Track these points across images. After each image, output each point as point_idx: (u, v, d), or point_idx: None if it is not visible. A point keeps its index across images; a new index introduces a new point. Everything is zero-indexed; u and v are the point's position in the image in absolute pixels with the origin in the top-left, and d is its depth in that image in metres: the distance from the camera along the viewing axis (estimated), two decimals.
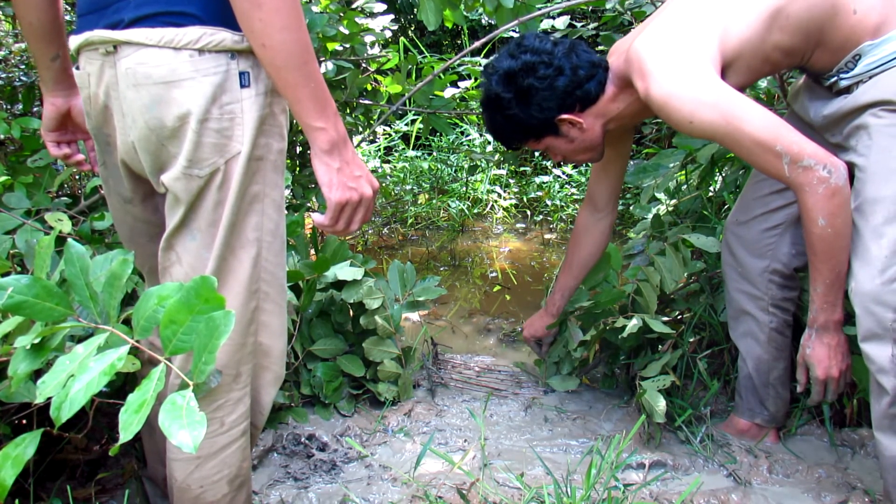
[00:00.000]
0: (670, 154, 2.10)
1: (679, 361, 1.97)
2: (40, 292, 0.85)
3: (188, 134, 0.99)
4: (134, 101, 1.00)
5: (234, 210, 1.04)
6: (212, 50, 0.99)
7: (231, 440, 1.13)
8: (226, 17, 0.99)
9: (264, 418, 1.23)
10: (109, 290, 0.89)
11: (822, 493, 1.57)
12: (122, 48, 1.00)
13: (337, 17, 2.28)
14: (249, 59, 1.02)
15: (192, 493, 1.13)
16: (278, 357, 1.19)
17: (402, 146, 4.82)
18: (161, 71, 0.98)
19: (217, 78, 0.99)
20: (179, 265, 1.07)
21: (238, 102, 1.01)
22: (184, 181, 1.02)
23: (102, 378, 0.79)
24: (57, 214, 1.57)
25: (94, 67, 1.04)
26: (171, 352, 0.82)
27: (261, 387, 1.19)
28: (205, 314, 0.80)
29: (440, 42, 5.65)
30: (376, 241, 3.81)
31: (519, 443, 1.82)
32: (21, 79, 2.63)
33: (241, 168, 1.03)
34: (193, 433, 0.74)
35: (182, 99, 0.98)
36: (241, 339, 1.10)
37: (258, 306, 1.12)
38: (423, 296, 2.14)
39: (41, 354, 0.88)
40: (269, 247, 1.11)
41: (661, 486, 1.61)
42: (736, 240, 1.70)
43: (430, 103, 2.65)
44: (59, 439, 1.48)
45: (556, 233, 3.98)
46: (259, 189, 1.07)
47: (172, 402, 0.78)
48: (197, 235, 1.05)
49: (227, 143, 1.02)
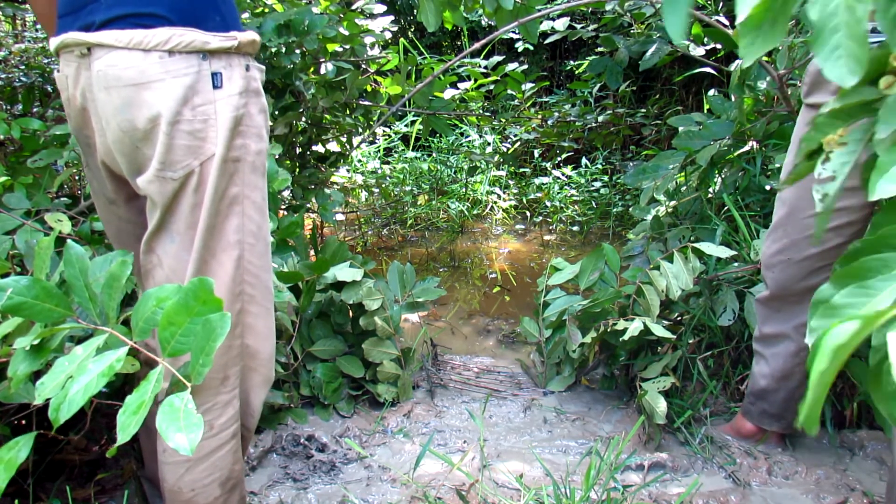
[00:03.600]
0: (670, 155, 2.10)
1: (678, 363, 1.97)
2: (40, 293, 0.85)
3: (159, 136, 0.99)
4: (106, 104, 1.00)
5: (212, 212, 1.03)
6: (182, 51, 0.98)
7: (221, 443, 1.13)
8: (195, 17, 0.99)
9: (256, 420, 1.23)
10: (108, 292, 0.90)
11: (821, 495, 1.57)
12: (95, 50, 1.00)
13: (337, 19, 2.28)
14: (222, 60, 1.02)
15: (184, 497, 1.12)
16: (266, 359, 1.18)
17: (402, 147, 4.82)
18: (130, 73, 0.97)
19: (188, 79, 0.98)
20: (160, 268, 1.07)
21: (211, 104, 1.00)
22: (157, 183, 1.01)
23: (101, 379, 0.79)
24: (57, 215, 1.57)
25: (71, 70, 1.04)
26: (170, 353, 0.82)
27: (250, 389, 1.19)
28: (202, 316, 0.80)
29: (440, 43, 5.65)
30: (376, 242, 3.81)
31: (518, 444, 1.82)
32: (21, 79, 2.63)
33: (217, 170, 1.02)
34: (190, 436, 0.74)
35: (152, 101, 0.98)
36: (227, 341, 1.09)
37: (243, 308, 1.12)
38: (422, 297, 2.14)
39: (40, 355, 0.88)
40: (252, 249, 1.10)
41: (661, 488, 1.61)
42: (787, 276, 1.63)
43: (430, 104, 2.65)
44: (58, 440, 1.48)
45: (555, 234, 3.98)
46: (238, 191, 1.06)
47: (170, 405, 0.77)
48: (176, 238, 1.05)
49: (201, 145, 1.01)
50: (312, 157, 2.82)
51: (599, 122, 4.29)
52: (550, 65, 5.62)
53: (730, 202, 2.07)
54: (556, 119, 4.38)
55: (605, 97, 4.68)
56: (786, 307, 1.67)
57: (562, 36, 3.04)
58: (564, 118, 4.37)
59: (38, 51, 3.25)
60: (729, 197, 2.10)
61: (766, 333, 1.71)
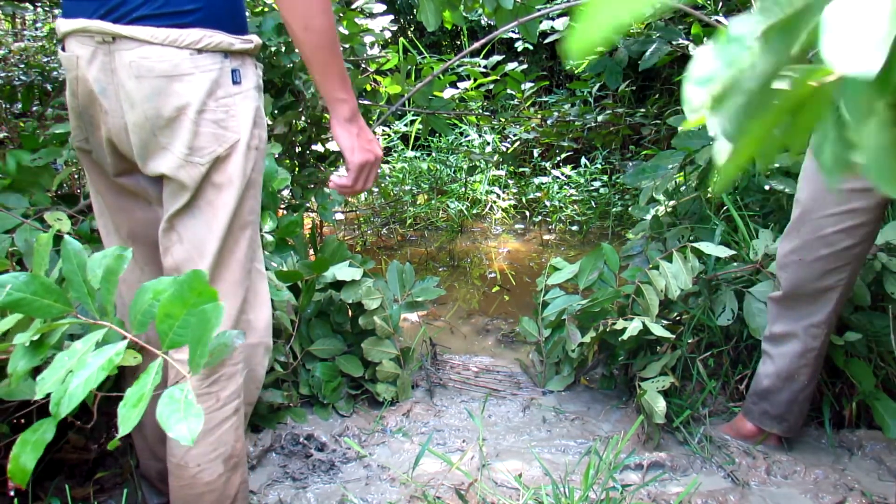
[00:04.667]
0: (669, 155, 2.10)
1: (677, 362, 1.97)
2: (38, 289, 0.85)
3: (185, 124, 1.08)
4: (134, 91, 1.07)
5: (237, 195, 1.13)
6: (209, 50, 1.08)
7: (225, 416, 1.18)
8: (221, 19, 1.09)
9: (258, 392, 1.30)
10: (106, 286, 0.90)
11: (819, 494, 1.57)
12: (123, 41, 1.06)
13: (336, 18, 2.28)
14: (238, 59, 1.12)
15: (190, 472, 1.17)
16: (265, 329, 1.27)
17: (402, 147, 4.82)
18: (164, 66, 1.06)
19: (213, 74, 1.08)
20: (181, 244, 1.14)
21: (231, 97, 1.11)
22: (187, 168, 1.10)
23: (101, 373, 0.80)
24: (56, 214, 1.57)
25: (85, 51, 1.09)
26: (168, 346, 0.82)
27: (254, 360, 1.26)
28: (198, 307, 0.81)
29: (440, 43, 5.65)
30: (375, 241, 3.81)
31: (517, 443, 1.83)
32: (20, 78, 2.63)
33: (242, 156, 1.12)
34: (191, 426, 0.75)
35: (182, 91, 1.07)
36: (237, 314, 1.18)
37: (250, 284, 1.21)
38: (421, 296, 2.14)
39: (40, 351, 0.89)
40: (255, 227, 1.21)
41: (659, 487, 1.61)
42: (799, 277, 1.64)
43: (430, 104, 2.65)
44: (57, 438, 1.48)
45: (554, 233, 3.98)
46: (255, 175, 1.17)
47: (170, 396, 0.78)
48: (198, 214, 1.13)
49: (224, 133, 1.11)
50: (312, 156, 2.82)
51: (599, 121, 4.29)
52: (550, 64, 5.62)
53: (729, 202, 2.08)
54: (556, 119, 4.38)
55: (605, 97, 4.68)
56: (797, 307, 1.67)
57: (561, 36, 3.04)
58: (564, 118, 4.37)
59: (38, 49, 3.25)
60: (728, 197, 2.11)
61: (776, 333, 1.72)
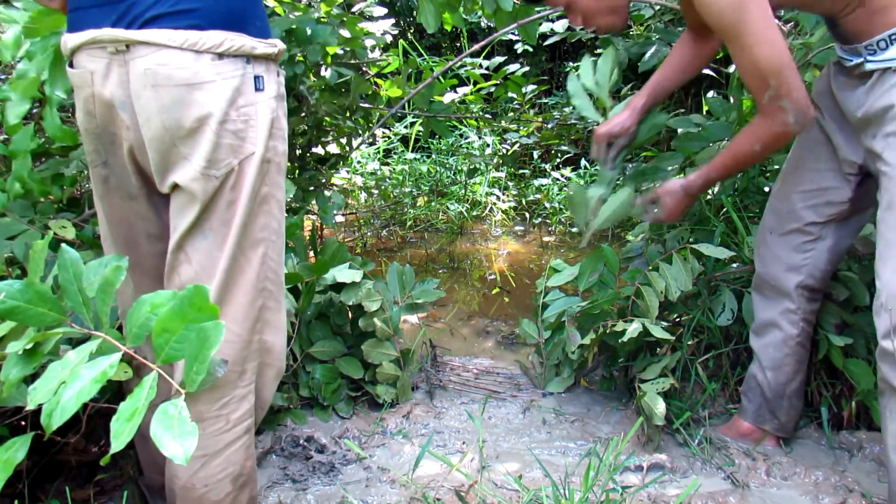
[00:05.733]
0: (669, 157, 2.10)
1: (677, 364, 1.97)
2: (33, 297, 0.84)
3: (207, 135, 1.01)
4: (151, 101, 1.00)
5: (247, 210, 1.07)
6: (231, 54, 1.01)
7: (236, 437, 1.14)
8: (241, 21, 1.02)
9: (264, 413, 1.25)
10: (102, 297, 0.88)
11: (819, 496, 1.57)
12: (138, 48, 0.99)
13: (338, 23, 2.28)
14: (262, 64, 1.05)
15: (197, 493, 1.13)
16: (280, 353, 1.21)
17: (402, 149, 4.82)
18: (184, 73, 0.99)
19: (235, 81, 1.02)
20: (189, 264, 1.08)
21: (252, 105, 1.04)
22: (202, 181, 1.04)
23: (94, 385, 0.78)
24: (61, 222, 1.55)
25: (99, 65, 1.02)
26: (164, 360, 0.81)
27: (263, 384, 1.21)
28: (198, 323, 0.79)
29: (439, 44, 5.66)
30: (375, 243, 3.81)
31: (517, 445, 1.82)
32: None
33: (255, 169, 1.06)
34: (185, 444, 0.73)
35: (204, 101, 1.00)
36: (249, 336, 1.12)
37: (264, 304, 1.14)
38: (421, 298, 2.14)
39: (34, 359, 0.87)
40: (273, 246, 1.14)
41: (659, 489, 1.61)
42: (769, 253, 1.68)
43: (430, 106, 2.65)
44: (56, 441, 1.48)
45: (554, 235, 3.98)
46: (268, 190, 1.10)
47: (164, 412, 0.76)
48: (209, 235, 1.07)
49: (242, 145, 1.04)
50: (312, 159, 2.82)
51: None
52: (550, 66, 5.62)
53: (728, 204, 2.08)
54: (556, 121, 4.38)
55: None
56: (771, 291, 1.70)
57: (561, 37, 3.04)
58: (564, 120, 4.37)
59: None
60: (728, 198, 2.11)
61: (758, 325, 1.75)
